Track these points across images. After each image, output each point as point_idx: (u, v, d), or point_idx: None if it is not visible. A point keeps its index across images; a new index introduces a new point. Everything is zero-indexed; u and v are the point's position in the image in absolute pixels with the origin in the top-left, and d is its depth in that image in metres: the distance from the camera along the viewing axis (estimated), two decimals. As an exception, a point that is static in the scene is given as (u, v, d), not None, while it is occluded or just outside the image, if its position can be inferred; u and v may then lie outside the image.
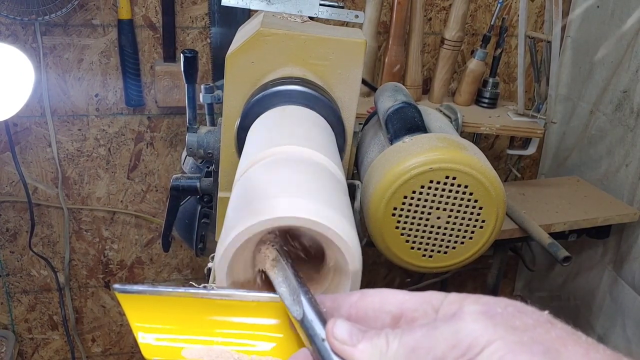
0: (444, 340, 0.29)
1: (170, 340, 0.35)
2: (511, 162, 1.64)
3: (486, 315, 0.30)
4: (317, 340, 0.32)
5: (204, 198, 0.83)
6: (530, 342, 0.28)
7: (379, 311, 0.34)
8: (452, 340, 0.29)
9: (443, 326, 0.30)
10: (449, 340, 0.29)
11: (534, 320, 0.30)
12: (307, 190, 0.39)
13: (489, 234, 0.72)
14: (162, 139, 1.43)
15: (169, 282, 1.60)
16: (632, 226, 1.32)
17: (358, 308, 0.35)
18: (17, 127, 1.34)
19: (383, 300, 0.34)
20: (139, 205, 1.49)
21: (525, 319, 0.30)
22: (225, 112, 0.66)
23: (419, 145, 0.71)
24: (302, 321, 0.33)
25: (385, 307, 0.34)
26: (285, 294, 0.35)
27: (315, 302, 0.34)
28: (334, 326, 0.32)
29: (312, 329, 0.33)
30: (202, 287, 0.35)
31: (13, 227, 1.44)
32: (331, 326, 0.32)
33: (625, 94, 1.35)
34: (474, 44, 1.48)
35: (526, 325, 0.30)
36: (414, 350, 0.30)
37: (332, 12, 0.73)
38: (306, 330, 0.33)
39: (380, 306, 0.34)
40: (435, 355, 0.29)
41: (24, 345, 1.59)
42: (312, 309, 0.33)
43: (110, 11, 1.28)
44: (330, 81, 0.65)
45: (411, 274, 1.58)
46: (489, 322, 0.29)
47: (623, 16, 1.34)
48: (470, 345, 0.29)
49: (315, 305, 0.34)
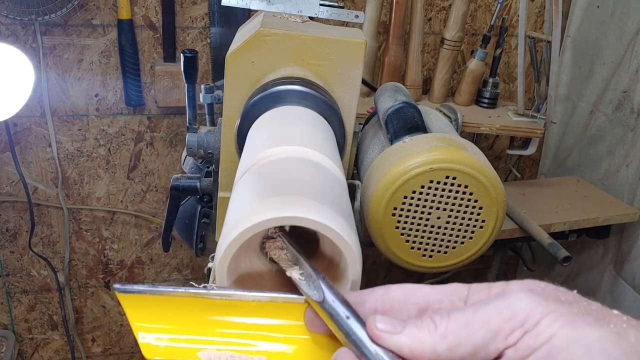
0: (498, 313, 0.30)
1: (170, 340, 0.35)
2: (511, 162, 1.64)
3: (534, 292, 0.31)
4: (340, 319, 0.33)
5: (204, 198, 0.83)
6: (581, 313, 0.29)
7: (404, 304, 0.34)
8: (507, 313, 0.30)
9: (494, 302, 0.31)
10: (504, 313, 0.30)
11: (572, 297, 0.31)
12: (308, 191, 0.39)
13: (489, 234, 0.72)
14: (162, 139, 1.43)
15: (169, 282, 1.60)
16: (632, 226, 1.32)
17: (383, 302, 0.35)
18: (17, 127, 1.34)
19: (408, 294, 0.35)
20: (139, 205, 1.49)
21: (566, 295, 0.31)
22: (225, 112, 0.66)
23: (419, 145, 0.71)
24: (322, 303, 0.34)
25: (411, 300, 0.34)
26: (300, 279, 0.36)
27: (332, 286, 0.34)
28: (374, 320, 0.32)
29: (334, 309, 0.33)
30: (202, 287, 0.35)
31: (13, 227, 1.44)
32: (372, 321, 0.32)
33: (625, 94, 1.35)
34: (474, 44, 1.48)
35: (570, 300, 0.31)
36: (467, 324, 0.30)
37: (332, 12, 0.73)
38: (328, 311, 0.33)
39: (405, 299, 0.34)
40: (489, 327, 0.30)
41: (24, 345, 1.59)
42: (331, 292, 0.34)
43: (110, 11, 1.28)
44: (330, 81, 0.65)
45: (411, 274, 1.58)
46: (539, 297, 0.30)
47: (623, 16, 1.34)
48: (527, 317, 0.29)
49: (333, 288, 0.34)
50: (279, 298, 0.36)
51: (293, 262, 0.37)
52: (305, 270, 0.36)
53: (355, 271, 0.37)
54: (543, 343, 0.29)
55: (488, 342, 0.30)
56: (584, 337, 0.28)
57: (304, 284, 0.35)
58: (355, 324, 0.32)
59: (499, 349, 0.30)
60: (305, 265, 0.36)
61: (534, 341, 0.29)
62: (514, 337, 0.29)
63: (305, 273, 0.36)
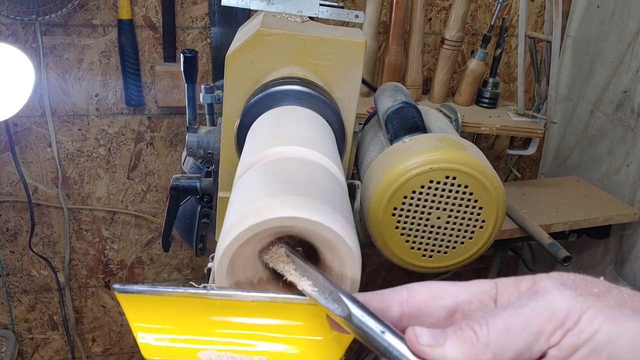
0: (537, 315, 0.30)
1: (170, 340, 0.35)
2: (511, 162, 1.64)
3: (567, 287, 0.30)
4: (376, 335, 0.31)
5: (204, 198, 0.83)
6: (617, 305, 0.30)
7: (432, 307, 0.34)
8: (546, 313, 0.30)
9: (531, 303, 0.30)
10: (543, 314, 0.30)
11: (603, 287, 0.31)
12: (308, 191, 0.39)
13: (489, 234, 0.72)
14: (162, 139, 1.43)
15: (169, 282, 1.60)
16: (632, 226, 1.32)
17: (410, 305, 0.34)
18: (17, 127, 1.34)
19: (435, 295, 0.34)
20: (139, 205, 1.49)
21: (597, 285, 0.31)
22: (225, 112, 0.66)
23: (419, 145, 0.71)
24: (349, 318, 0.32)
25: (439, 302, 0.34)
26: (314, 292, 0.34)
27: (354, 297, 0.33)
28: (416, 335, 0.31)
29: (365, 325, 0.32)
30: (202, 287, 0.35)
31: (13, 227, 1.44)
32: (413, 336, 0.31)
33: (625, 94, 1.35)
34: (474, 44, 1.48)
35: (602, 291, 0.31)
36: (507, 330, 0.30)
37: (332, 12, 0.73)
38: (359, 327, 0.32)
39: (432, 301, 0.34)
40: (531, 330, 0.30)
41: (24, 345, 1.59)
42: (356, 305, 0.32)
43: (111, 11, 1.28)
44: (330, 81, 0.65)
45: (411, 274, 1.58)
46: (574, 292, 0.30)
47: (623, 16, 1.34)
48: (567, 315, 0.29)
49: (356, 300, 0.33)
50: (279, 298, 0.36)
51: (301, 273, 0.36)
52: (317, 281, 0.34)
53: (355, 274, 0.37)
54: (586, 340, 0.29)
55: (531, 345, 0.30)
56: (626, 330, 0.28)
57: (321, 297, 0.34)
58: (394, 339, 0.31)
59: (541, 350, 0.30)
60: (316, 275, 0.35)
61: (577, 339, 0.29)
62: (556, 337, 0.29)
63: (318, 284, 0.34)
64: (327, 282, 0.34)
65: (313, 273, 0.35)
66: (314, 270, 0.35)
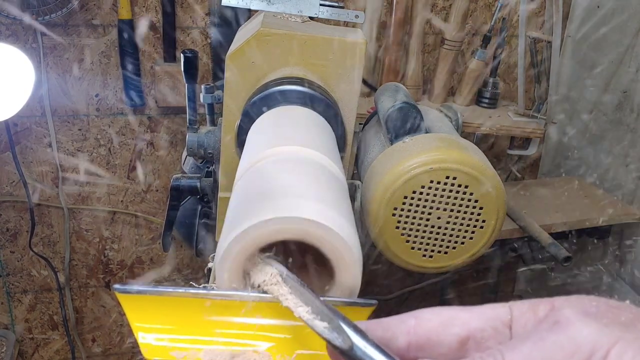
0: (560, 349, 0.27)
1: (170, 340, 0.35)
2: (511, 162, 1.64)
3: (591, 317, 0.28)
4: None
5: (204, 198, 0.83)
6: None
7: (442, 335, 0.31)
8: (570, 347, 0.27)
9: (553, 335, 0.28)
10: (567, 348, 0.27)
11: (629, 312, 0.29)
12: (309, 191, 0.39)
13: (489, 234, 0.72)
14: (162, 139, 1.43)
15: (169, 282, 1.60)
16: (632, 226, 1.32)
17: (418, 335, 0.31)
18: (17, 127, 1.34)
19: (445, 323, 0.31)
20: (139, 205, 1.49)
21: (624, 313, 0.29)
22: (225, 112, 0.66)
23: (419, 145, 0.71)
24: (350, 350, 0.30)
25: (449, 330, 0.31)
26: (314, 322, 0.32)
27: (356, 326, 0.31)
28: None
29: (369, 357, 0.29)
30: (202, 287, 0.35)
31: (13, 227, 1.44)
32: None
33: (625, 94, 1.35)
34: (474, 44, 1.48)
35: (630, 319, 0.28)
36: None
37: (332, 12, 0.73)
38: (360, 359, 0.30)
39: (443, 330, 0.31)
40: None
41: (24, 345, 1.59)
42: (359, 335, 0.30)
43: (111, 11, 1.28)
44: (330, 81, 0.65)
45: (411, 274, 1.58)
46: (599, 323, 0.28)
47: (623, 16, 1.34)
48: (594, 350, 0.27)
49: (358, 329, 0.31)
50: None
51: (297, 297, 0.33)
52: (314, 306, 0.32)
53: (356, 275, 0.37)
54: None
55: None
56: None
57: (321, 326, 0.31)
58: None
59: None
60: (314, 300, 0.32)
61: None
62: None
63: (316, 310, 0.32)
64: (326, 309, 0.32)
65: (310, 297, 0.33)
66: (311, 294, 0.33)
